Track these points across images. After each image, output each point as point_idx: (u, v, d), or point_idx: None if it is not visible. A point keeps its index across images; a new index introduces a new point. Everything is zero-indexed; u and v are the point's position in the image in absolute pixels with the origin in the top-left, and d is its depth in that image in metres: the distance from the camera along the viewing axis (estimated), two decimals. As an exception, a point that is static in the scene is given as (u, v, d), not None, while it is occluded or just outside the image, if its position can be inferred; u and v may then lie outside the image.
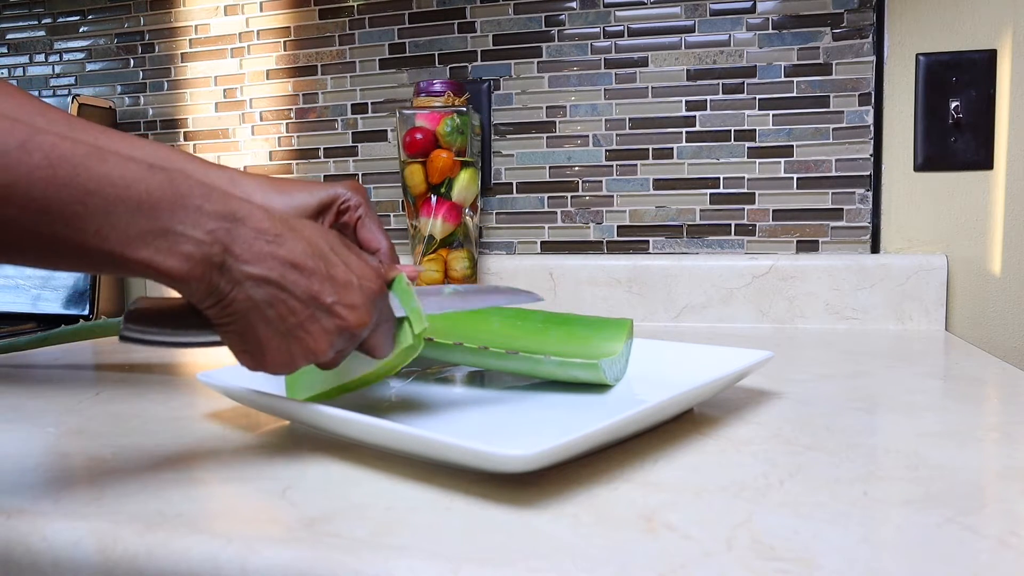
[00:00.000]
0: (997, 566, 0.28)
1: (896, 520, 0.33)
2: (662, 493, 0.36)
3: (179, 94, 1.16)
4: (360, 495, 0.36)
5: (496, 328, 0.61)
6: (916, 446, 0.43)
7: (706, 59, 0.95)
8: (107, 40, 1.18)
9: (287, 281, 0.36)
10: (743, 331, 0.89)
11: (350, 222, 0.55)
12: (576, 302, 0.98)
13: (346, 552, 0.30)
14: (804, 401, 0.54)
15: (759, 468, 0.40)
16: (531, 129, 1.01)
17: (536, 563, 0.29)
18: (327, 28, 1.08)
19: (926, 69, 0.89)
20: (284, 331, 0.37)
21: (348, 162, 1.09)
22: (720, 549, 0.30)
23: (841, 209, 0.93)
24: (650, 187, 0.98)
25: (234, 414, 0.53)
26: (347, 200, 0.55)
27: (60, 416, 0.53)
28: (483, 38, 1.02)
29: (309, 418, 0.43)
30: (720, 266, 0.94)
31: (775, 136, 0.94)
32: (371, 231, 0.55)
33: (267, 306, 0.36)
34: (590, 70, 0.99)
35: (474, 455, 0.35)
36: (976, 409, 0.51)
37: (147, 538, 0.32)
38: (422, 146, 0.88)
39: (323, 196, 0.54)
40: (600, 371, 0.54)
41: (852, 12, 0.91)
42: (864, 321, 0.90)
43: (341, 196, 0.54)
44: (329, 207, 0.54)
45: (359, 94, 1.07)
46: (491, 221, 1.04)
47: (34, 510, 0.35)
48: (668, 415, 0.45)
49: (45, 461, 0.43)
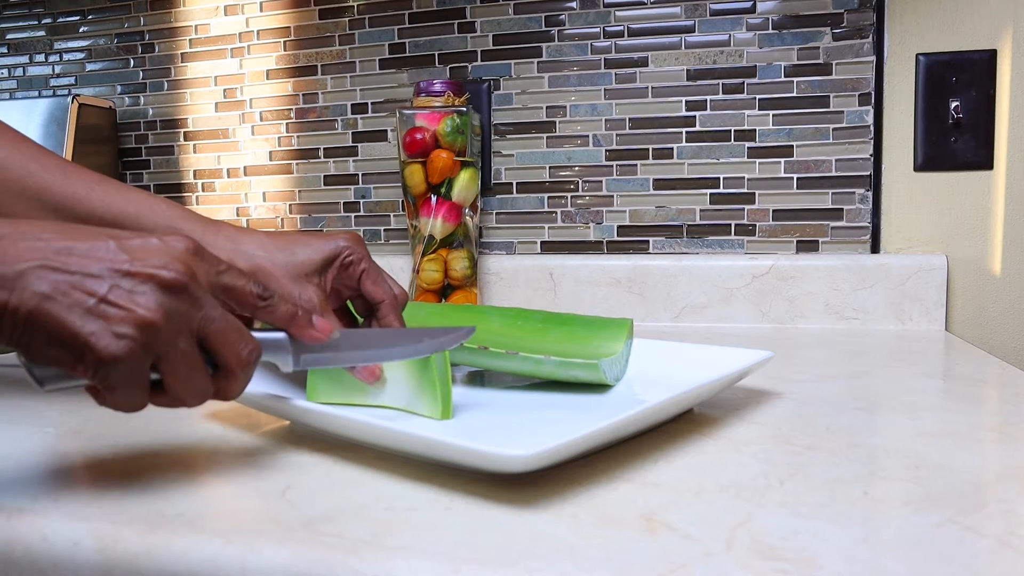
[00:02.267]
0: (997, 566, 0.28)
1: (896, 520, 0.33)
2: (662, 493, 0.36)
3: (179, 94, 1.16)
4: (360, 495, 0.36)
5: (496, 328, 0.61)
6: (916, 446, 0.43)
7: (706, 59, 0.95)
8: (107, 40, 1.18)
9: (69, 262, 0.33)
10: (743, 331, 0.89)
11: (354, 274, 0.54)
12: (576, 302, 0.98)
13: (346, 552, 0.30)
14: (804, 401, 0.54)
15: (759, 468, 0.40)
16: (531, 129, 1.01)
17: (536, 563, 0.29)
18: (327, 28, 1.08)
19: (926, 69, 0.89)
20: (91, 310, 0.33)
21: (348, 162, 1.09)
22: (720, 549, 0.30)
23: (841, 209, 0.93)
24: (650, 187, 0.98)
25: (234, 414, 0.53)
26: (350, 254, 0.54)
27: (60, 416, 0.53)
28: (483, 38, 1.02)
29: (309, 418, 0.43)
30: (720, 266, 0.94)
31: (775, 136, 0.94)
32: (376, 283, 0.54)
33: (58, 293, 0.32)
34: (590, 70, 0.99)
35: (474, 455, 0.35)
36: (976, 409, 0.51)
37: (147, 538, 0.32)
38: (422, 146, 0.88)
39: (327, 252, 0.53)
40: (600, 371, 0.54)
41: (852, 12, 0.91)
42: (864, 321, 0.90)
43: (344, 250, 0.54)
44: (332, 262, 0.54)
45: (359, 94, 1.07)
46: (491, 221, 1.04)
47: (34, 510, 0.35)
48: (668, 415, 0.45)
49: (45, 461, 0.43)
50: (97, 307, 0.33)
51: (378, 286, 0.54)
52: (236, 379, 0.38)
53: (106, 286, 0.33)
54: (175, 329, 0.35)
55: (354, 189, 1.09)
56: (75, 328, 0.32)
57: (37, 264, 0.32)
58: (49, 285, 0.32)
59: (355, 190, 1.09)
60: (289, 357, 0.42)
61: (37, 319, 0.32)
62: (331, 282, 0.54)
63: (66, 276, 0.33)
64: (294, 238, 0.53)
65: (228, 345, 0.37)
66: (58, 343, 0.33)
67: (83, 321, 0.33)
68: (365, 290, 0.54)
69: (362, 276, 0.54)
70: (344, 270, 0.54)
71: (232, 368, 0.37)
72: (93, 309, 0.33)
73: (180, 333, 0.35)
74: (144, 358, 0.34)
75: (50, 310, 0.32)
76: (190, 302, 0.35)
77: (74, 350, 0.33)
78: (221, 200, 1.15)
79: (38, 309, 0.32)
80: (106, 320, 0.33)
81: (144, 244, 0.35)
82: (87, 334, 0.32)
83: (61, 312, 0.32)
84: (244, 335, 0.38)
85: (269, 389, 0.51)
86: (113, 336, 0.33)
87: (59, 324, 0.32)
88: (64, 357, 0.33)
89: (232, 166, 1.14)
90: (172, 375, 0.35)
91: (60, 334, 0.32)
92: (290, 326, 0.42)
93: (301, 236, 0.54)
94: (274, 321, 0.41)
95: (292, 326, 0.42)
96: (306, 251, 0.53)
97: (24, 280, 0.32)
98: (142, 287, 0.34)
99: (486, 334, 0.59)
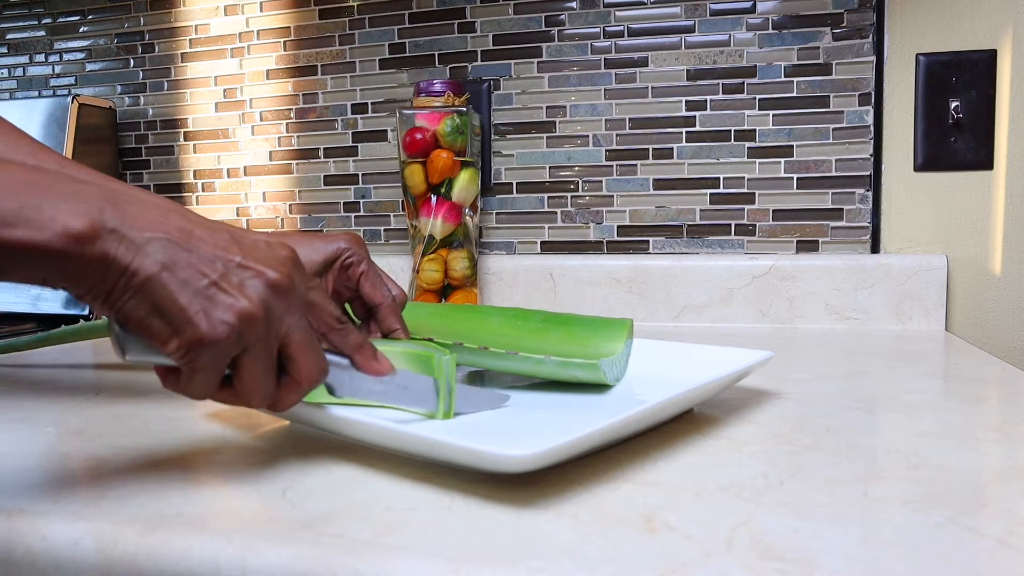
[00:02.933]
0: (997, 566, 0.28)
1: (896, 520, 0.33)
2: (662, 493, 0.36)
3: (179, 94, 1.16)
4: (360, 495, 0.36)
5: (496, 328, 0.61)
6: (916, 446, 0.43)
7: (706, 59, 0.95)
8: (107, 40, 1.18)
9: (190, 242, 0.34)
10: (743, 331, 0.89)
11: (353, 276, 0.54)
12: (576, 302, 0.98)
13: (346, 552, 0.30)
14: (804, 401, 0.54)
15: (759, 468, 0.40)
16: (531, 129, 1.01)
17: (536, 563, 0.29)
18: (327, 28, 1.08)
19: (926, 69, 0.89)
20: (201, 291, 0.34)
21: (348, 162, 1.09)
22: (720, 549, 0.30)
23: (841, 209, 0.93)
24: (650, 187, 0.98)
25: (234, 414, 0.53)
26: (351, 255, 0.54)
27: (60, 416, 0.53)
28: (483, 38, 1.02)
29: (309, 418, 0.43)
30: (720, 266, 0.94)
31: (775, 136, 0.94)
32: (375, 286, 0.54)
33: (176, 267, 0.33)
34: (590, 70, 0.99)
35: (474, 455, 0.35)
36: (976, 409, 0.51)
37: (147, 538, 0.32)
38: (422, 146, 0.88)
39: (327, 253, 0.53)
40: (600, 371, 0.54)
41: (852, 12, 0.91)
42: (864, 321, 0.90)
43: (345, 252, 0.54)
44: (333, 263, 0.54)
45: (359, 94, 1.07)
46: (491, 221, 1.04)
47: (34, 510, 0.35)
48: (668, 415, 0.45)
49: (45, 461, 0.43)
50: (208, 289, 0.34)
51: (377, 289, 0.54)
52: (298, 391, 0.39)
53: (219, 272, 0.34)
54: (269, 327, 0.36)
55: (354, 189, 1.09)
56: (183, 303, 0.33)
57: (163, 236, 0.33)
58: (170, 257, 0.33)
59: (355, 190, 1.09)
60: (347, 381, 0.43)
61: (152, 286, 0.33)
62: (332, 284, 0.53)
63: (185, 254, 0.34)
64: (294, 238, 0.53)
65: (305, 357, 0.38)
66: (162, 314, 0.33)
67: (192, 299, 0.33)
68: (364, 292, 0.54)
69: (361, 278, 0.54)
70: (344, 271, 0.54)
71: (300, 379, 0.38)
72: (204, 290, 0.34)
73: (271, 333, 0.36)
74: (234, 347, 0.35)
75: (166, 281, 0.33)
76: (286, 306, 0.37)
77: (175, 324, 0.34)
78: (221, 200, 1.15)
79: (156, 277, 0.33)
80: (213, 303, 0.34)
81: (255, 242, 0.37)
82: (194, 312, 0.33)
83: (175, 286, 0.33)
84: (320, 352, 0.39)
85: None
86: (216, 319, 0.34)
87: (170, 296, 0.33)
88: (162, 330, 0.34)
89: (232, 166, 1.14)
90: (249, 371, 0.36)
91: (168, 306, 0.33)
92: (357, 353, 0.43)
93: (301, 236, 0.54)
94: (343, 346, 0.43)
95: (359, 354, 0.43)
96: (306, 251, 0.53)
97: (150, 247, 0.33)
98: (252, 281, 0.35)
99: (486, 334, 0.59)
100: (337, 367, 0.43)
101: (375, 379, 0.44)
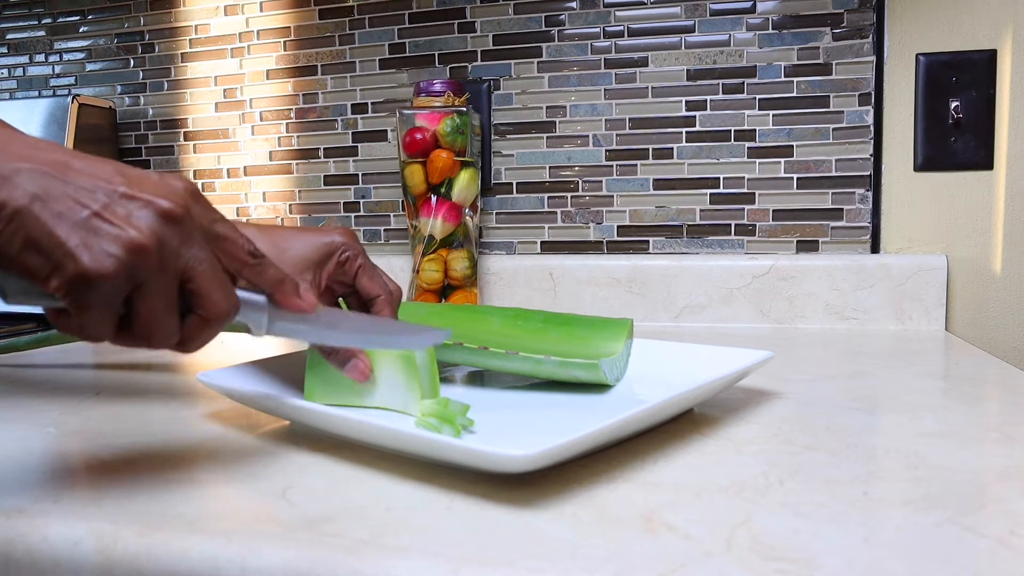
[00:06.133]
0: (997, 566, 0.28)
1: (896, 520, 0.33)
2: (662, 493, 0.36)
3: (179, 94, 1.16)
4: (360, 495, 0.36)
5: (496, 328, 0.61)
6: (916, 446, 0.43)
7: (706, 59, 0.95)
8: (107, 40, 1.18)
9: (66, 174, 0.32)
10: (743, 331, 0.89)
11: (351, 271, 0.54)
12: (576, 302, 0.98)
13: (346, 552, 0.30)
14: (804, 401, 0.54)
15: (759, 468, 0.40)
16: (531, 129, 1.01)
17: (536, 563, 0.29)
18: (327, 28, 1.08)
19: (926, 69, 0.89)
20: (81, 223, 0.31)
21: (348, 162, 1.09)
22: (720, 549, 0.30)
23: (841, 209, 0.93)
24: (650, 187, 0.98)
25: (234, 414, 0.53)
26: (347, 250, 0.54)
27: (60, 416, 0.53)
28: (483, 38, 1.02)
29: (309, 418, 0.43)
30: (720, 266, 0.94)
31: (775, 136, 0.94)
32: (372, 279, 0.54)
33: (50, 199, 0.31)
34: (590, 70, 0.99)
35: (474, 455, 0.35)
36: (976, 409, 0.51)
37: (147, 538, 0.32)
38: (422, 146, 0.88)
39: (322, 248, 0.53)
40: (600, 371, 0.54)
41: (852, 12, 0.91)
42: (864, 321, 0.90)
43: (341, 247, 0.53)
44: (328, 258, 0.53)
45: (359, 94, 1.07)
46: (491, 221, 1.04)
47: (34, 510, 0.35)
48: (668, 415, 0.45)
49: (45, 461, 0.43)
50: (88, 220, 0.31)
51: (374, 282, 0.54)
52: (207, 329, 0.36)
53: (101, 202, 0.32)
54: (163, 260, 0.33)
55: (354, 189, 1.09)
56: (60, 236, 0.31)
57: (34, 168, 0.31)
58: (42, 188, 0.31)
59: (355, 190, 1.09)
60: (264, 320, 0.40)
61: (23, 219, 0.31)
62: (326, 279, 0.53)
63: (61, 185, 0.31)
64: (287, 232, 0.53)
65: (210, 291, 0.35)
66: (36, 248, 0.31)
67: (70, 231, 0.31)
68: (361, 286, 0.54)
69: (358, 272, 0.54)
70: (340, 267, 0.54)
71: (208, 316, 0.36)
72: (84, 222, 0.31)
73: (166, 266, 0.33)
74: (125, 283, 0.32)
75: (38, 213, 0.31)
76: (183, 237, 0.34)
77: (52, 259, 0.31)
78: (221, 200, 1.15)
79: (26, 209, 0.31)
80: (96, 235, 0.31)
81: (143, 175, 0.34)
82: (72, 245, 0.31)
83: (49, 217, 0.31)
84: (227, 286, 0.36)
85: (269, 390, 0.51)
86: (100, 252, 0.31)
87: (44, 229, 0.31)
88: (40, 267, 0.31)
89: (232, 166, 1.14)
90: (147, 309, 0.34)
91: (42, 240, 0.31)
92: (276, 290, 0.40)
93: (294, 230, 0.54)
94: (260, 282, 0.39)
95: (278, 291, 0.40)
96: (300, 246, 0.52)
97: (17, 178, 0.31)
98: (140, 211, 0.32)
99: (486, 334, 0.59)
100: (253, 306, 0.39)
101: (298, 317, 0.41)
